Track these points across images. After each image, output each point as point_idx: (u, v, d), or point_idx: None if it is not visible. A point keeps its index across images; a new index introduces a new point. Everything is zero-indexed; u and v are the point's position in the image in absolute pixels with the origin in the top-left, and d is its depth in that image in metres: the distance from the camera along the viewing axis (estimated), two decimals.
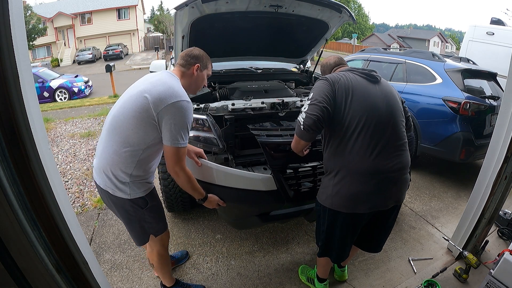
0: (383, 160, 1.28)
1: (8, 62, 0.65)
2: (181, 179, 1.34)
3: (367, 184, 1.28)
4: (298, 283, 1.94)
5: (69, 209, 0.87)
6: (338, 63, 1.56)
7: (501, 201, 1.87)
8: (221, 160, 2.02)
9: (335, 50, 28.49)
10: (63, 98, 9.98)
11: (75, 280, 0.88)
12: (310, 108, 1.28)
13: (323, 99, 1.27)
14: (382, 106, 1.31)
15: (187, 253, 2.15)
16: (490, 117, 3.14)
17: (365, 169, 1.27)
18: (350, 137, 1.28)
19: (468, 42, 5.72)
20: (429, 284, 1.87)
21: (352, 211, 1.33)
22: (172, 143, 1.25)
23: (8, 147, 0.67)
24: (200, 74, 1.43)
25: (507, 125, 1.69)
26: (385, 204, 1.36)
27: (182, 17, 2.05)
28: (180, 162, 1.30)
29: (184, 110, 1.25)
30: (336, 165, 1.33)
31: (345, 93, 1.29)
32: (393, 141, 1.31)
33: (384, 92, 1.36)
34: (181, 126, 1.25)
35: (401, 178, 1.35)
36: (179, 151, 1.28)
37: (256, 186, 1.66)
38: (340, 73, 1.37)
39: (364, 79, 1.35)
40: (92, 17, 25.48)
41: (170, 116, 1.23)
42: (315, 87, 1.35)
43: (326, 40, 2.76)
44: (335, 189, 1.33)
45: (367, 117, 1.27)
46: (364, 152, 1.26)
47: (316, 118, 1.24)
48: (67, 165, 3.77)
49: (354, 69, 1.41)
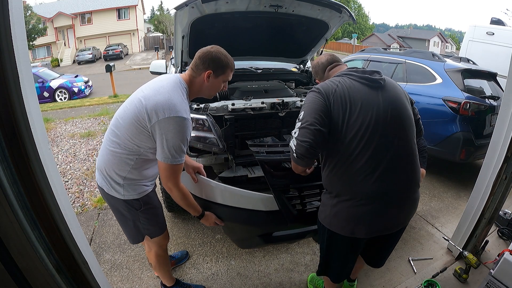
0: (388, 180, 1.12)
1: (8, 62, 0.65)
2: (174, 195, 1.28)
3: (369, 208, 1.13)
4: (298, 283, 1.94)
5: (69, 209, 0.87)
6: (331, 61, 1.36)
7: (501, 201, 1.87)
8: (221, 160, 2.02)
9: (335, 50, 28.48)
10: (63, 98, 9.98)
11: (75, 280, 0.88)
12: (300, 133, 1.10)
13: (315, 120, 1.09)
14: (386, 117, 1.13)
15: (187, 253, 2.15)
16: (490, 117, 3.14)
17: (367, 192, 1.12)
18: (350, 156, 1.11)
19: (468, 42, 5.72)
20: (429, 284, 1.87)
21: (350, 235, 1.19)
22: (164, 159, 1.19)
23: (8, 147, 0.67)
24: (213, 82, 1.27)
25: (507, 125, 1.69)
26: (388, 229, 1.22)
27: (182, 17, 2.05)
28: (173, 179, 1.23)
29: (178, 126, 1.15)
30: (334, 186, 1.19)
31: (342, 108, 1.11)
32: (400, 157, 1.14)
33: (389, 98, 1.17)
34: (173, 143, 1.16)
35: (410, 199, 1.19)
36: (171, 168, 1.20)
37: (256, 206, 1.55)
38: (335, 80, 1.18)
39: (364, 85, 1.16)
40: (92, 17, 25.50)
41: (163, 131, 1.15)
42: (306, 104, 1.16)
43: (326, 40, 2.75)
44: (334, 210, 1.19)
45: (370, 133, 1.10)
46: (367, 173, 1.11)
47: (309, 146, 1.07)
48: (67, 165, 3.77)
49: (352, 72, 1.20)
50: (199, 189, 1.58)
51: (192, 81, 1.28)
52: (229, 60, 1.28)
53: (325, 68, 1.36)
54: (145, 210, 1.38)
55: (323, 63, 1.38)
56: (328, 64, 1.36)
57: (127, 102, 1.27)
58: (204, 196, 1.57)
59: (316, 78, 1.43)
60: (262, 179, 1.92)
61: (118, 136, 1.24)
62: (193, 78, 1.27)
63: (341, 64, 1.36)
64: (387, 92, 1.18)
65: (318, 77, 1.41)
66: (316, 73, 1.42)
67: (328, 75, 1.34)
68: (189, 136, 1.22)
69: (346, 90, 1.14)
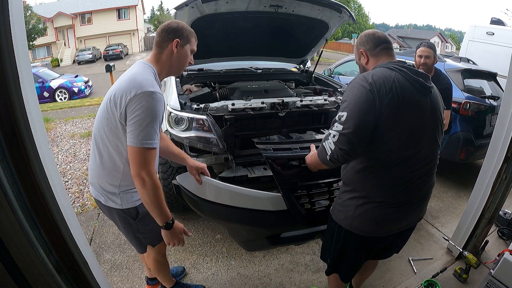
0: (418, 188, 1.14)
1: (8, 62, 0.65)
2: (147, 187, 1.09)
3: (395, 211, 1.14)
4: (298, 283, 1.94)
5: (69, 209, 0.87)
6: (385, 40, 1.18)
7: (501, 201, 1.86)
8: (221, 160, 2.02)
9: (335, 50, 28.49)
10: (63, 98, 9.98)
11: (75, 280, 0.88)
12: (340, 139, 1.03)
13: (360, 128, 1.01)
14: (430, 129, 1.11)
15: (184, 269, 2.03)
16: (490, 117, 3.13)
17: (397, 200, 1.12)
18: (390, 163, 1.08)
19: (468, 42, 5.72)
20: (429, 284, 1.87)
21: (373, 235, 1.19)
22: (135, 142, 1.06)
23: (8, 147, 0.67)
24: (181, 51, 1.20)
25: (507, 125, 1.69)
26: (409, 224, 1.25)
27: (182, 17, 2.06)
28: (147, 166, 1.08)
29: (147, 102, 1.05)
30: (365, 187, 1.14)
31: (394, 113, 1.02)
32: (431, 167, 1.16)
33: (433, 108, 1.12)
34: (144, 122, 1.05)
35: (428, 198, 1.24)
36: (144, 152, 1.07)
37: (263, 205, 1.50)
38: (389, 74, 1.05)
39: (416, 90, 1.06)
40: (92, 17, 25.50)
41: (132, 112, 1.06)
42: (352, 99, 1.04)
43: (326, 40, 2.76)
44: (358, 211, 1.15)
45: (414, 144, 1.07)
46: (403, 181, 1.10)
47: (346, 154, 1.04)
48: (67, 165, 3.77)
49: (405, 69, 1.07)
50: (203, 190, 1.53)
51: (158, 59, 1.21)
52: (190, 29, 1.25)
53: (379, 44, 1.17)
54: (142, 218, 1.31)
55: (379, 37, 1.19)
56: (383, 43, 1.18)
57: (98, 110, 1.22)
58: (210, 197, 1.53)
59: (361, 48, 1.21)
60: (262, 179, 1.93)
61: (98, 146, 1.21)
62: (159, 54, 1.20)
63: (392, 49, 1.20)
64: (433, 100, 1.12)
65: (365, 48, 1.20)
66: (366, 42, 1.19)
67: (377, 55, 1.17)
68: (162, 113, 1.13)
69: (400, 91, 1.03)
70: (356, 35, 27.21)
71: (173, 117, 1.90)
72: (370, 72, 1.09)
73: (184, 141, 1.87)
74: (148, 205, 1.13)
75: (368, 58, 1.20)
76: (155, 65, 1.20)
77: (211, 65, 2.84)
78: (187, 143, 1.88)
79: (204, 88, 2.38)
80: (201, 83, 2.63)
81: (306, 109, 2.12)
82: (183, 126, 1.89)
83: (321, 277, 1.97)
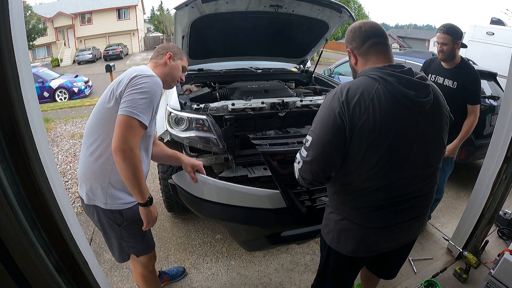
0: (401, 214, 1.00)
1: (8, 62, 0.65)
2: (128, 162, 1.04)
3: (376, 233, 1.02)
4: (298, 283, 1.94)
5: (69, 209, 0.87)
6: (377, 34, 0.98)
7: (501, 201, 1.86)
8: (221, 160, 2.02)
9: (335, 50, 28.48)
10: (63, 98, 9.98)
11: (75, 280, 0.88)
12: (303, 168, 0.96)
13: (325, 155, 0.91)
14: (415, 156, 0.93)
15: (184, 270, 1.99)
16: (490, 117, 3.13)
17: (378, 224, 1.00)
18: (364, 189, 0.96)
19: (468, 42, 5.71)
20: (429, 284, 1.87)
21: (353, 254, 1.07)
22: (126, 111, 1.04)
23: (8, 147, 0.67)
24: (174, 64, 1.33)
25: (507, 125, 1.68)
26: (397, 245, 1.10)
27: (182, 17, 2.05)
28: (131, 139, 1.05)
29: (145, 83, 1.10)
30: (341, 208, 1.05)
31: (368, 139, 0.88)
32: (419, 192, 1.00)
33: (428, 127, 0.94)
34: (140, 97, 1.07)
35: (421, 218, 1.06)
36: (132, 122, 1.05)
37: (261, 203, 1.45)
38: (370, 89, 0.89)
39: (404, 107, 0.89)
40: (92, 17, 25.51)
41: (130, 87, 1.09)
42: (319, 121, 0.92)
43: (326, 40, 2.76)
44: (337, 227, 1.07)
45: (396, 172, 0.93)
46: (381, 207, 0.97)
47: (309, 183, 0.99)
48: (67, 165, 3.77)
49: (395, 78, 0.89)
50: (200, 189, 1.50)
51: (154, 66, 1.31)
52: (181, 51, 1.39)
53: (367, 39, 0.97)
54: (128, 225, 1.25)
55: (366, 31, 0.98)
56: (371, 37, 0.97)
57: None
58: (205, 196, 1.50)
59: (349, 47, 1.03)
60: (262, 179, 1.92)
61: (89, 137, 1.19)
62: (156, 63, 1.32)
63: (385, 44, 0.98)
64: (428, 118, 0.93)
65: (352, 47, 1.01)
66: (352, 40, 1.01)
67: (365, 54, 0.99)
68: (158, 98, 1.16)
69: (379, 111, 0.86)
70: None
71: (173, 117, 1.90)
72: (348, 84, 0.92)
73: (184, 141, 1.87)
74: (129, 181, 1.09)
75: (356, 58, 1.02)
76: (154, 70, 1.27)
77: (211, 65, 2.84)
78: (187, 143, 1.88)
79: (204, 88, 2.38)
80: (201, 83, 2.63)
81: (306, 109, 2.12)
82: (183, 126, 1.89)
83: None
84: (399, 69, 0.93)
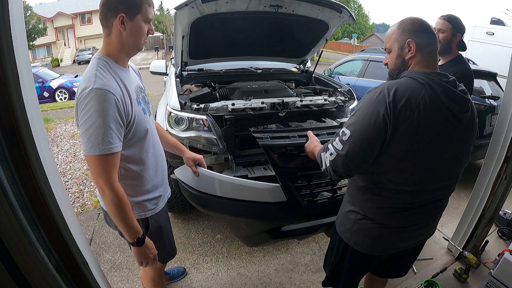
0: (419, 216, 1.04)
1: (8, 62, 0.64)
2: (107, 198, 0.96)
3: (394, 233, 1.05)
4: (298, 283, 1.94)
5: (69, 209, 0.87)
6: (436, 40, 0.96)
7: (501, 201, 1.86)
8: (221, 160, 2.02)
9: (335, 50, 28.48)
10: (63, 98, 9.99)
11: (75, 280, 0.88)
12: (336, 160, 0.95)
13: (362, 152, 0.90)
14: (449, 167, 0.98)
15: (184, 270, 2.00)
16: (490, 117, 3.14)
17: (397, 224, 1.03)
18: (391, 191, 0.97)
19: (468, 42, 5.71)
20: (429, 284, 1.87)
21: (370, 253, 1.11)
22: (85, 149, 0.92)
23: (8, 147, 0.67)
24: (131, 26, 0.97)
25: (507, 125, 1.69)
26: (412, 244, 1.15)
27: (182, 17, 2.06)
28: (104, 175, 0.93)
29: (91, 100, 0.88)
30: (363, 206, 1.05)
31: (406, 144, 0.88)
32: (439, 197, 1.05)
33: (462, 142, 0.97)
34: (91, 124, 0.89)
35: (437, 219, 1.13)
36: (100, 160, 0.92)
37: (262, 197, 1.45)
38: (418, 93, 0.87)
39: (446, 120, 0.90)
40: (92, 17, 25.48)
41: (79, 117, 0.92)
42: (362, 117, 0.90)
43: (326, 40, 2.76)
44: (356, 226, 1.08)
45: (426, 182, 0.97)
46: (403, 209, 1.00)
47: (339, 175, 0.98)
48: (67, 165, 3.77)
49: (441, 88, 0.88)
50: (201, 182, 1.50)
51: (108, 42, 1.00)
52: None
53: (433, 42, 0.95)
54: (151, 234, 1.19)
55: (434, 34, 0.95)
56: (436, 42, 0.95)
57: None
58: (206, 190, 1.50)
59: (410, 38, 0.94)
60: (262, 179, 1.92)
61: None
62: (108, 37, 0.99)
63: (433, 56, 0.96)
64: (462, 134, 0.95)
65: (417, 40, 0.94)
66: (418, 34, 0.93)
67: (426, 55, 0.94)
68: (114, 108, 0.92)
69: (423, 118, 0.86)
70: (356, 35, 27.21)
71: (173, 117, 1.90)
72: (395, 85, 0.88)
73: (184, 141, 1.87)
74: (112, 217, 1.00)
75: (415, 53, 0.94)
76: (108, 50, 1.01)
77: (211, 65, 2.84)
78: (187, 143, 1.88)
79: (204, 88, 2.38)
80: (201, 83, 2.64)
81: (306, 109, 2.13)
82: (183, 126, 1.89)
83: (321, 277, 1.96)
84: (445, 78, 0.92)
